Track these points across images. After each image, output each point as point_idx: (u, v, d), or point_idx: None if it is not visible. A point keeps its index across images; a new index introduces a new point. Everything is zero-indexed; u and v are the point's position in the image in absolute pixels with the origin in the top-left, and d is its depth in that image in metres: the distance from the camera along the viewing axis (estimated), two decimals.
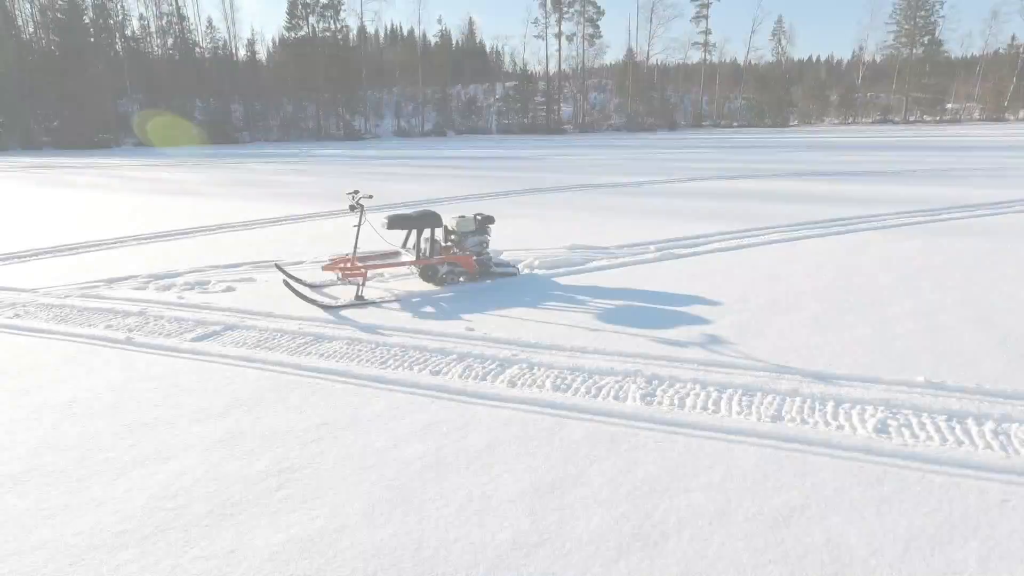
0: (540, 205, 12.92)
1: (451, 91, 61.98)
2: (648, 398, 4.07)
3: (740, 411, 3.88)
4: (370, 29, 75.35)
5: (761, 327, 5.29)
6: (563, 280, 7.03)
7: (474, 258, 6.91)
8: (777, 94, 62.17)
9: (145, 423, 3.84)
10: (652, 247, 8.52)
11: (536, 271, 7.46)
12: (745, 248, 8.42)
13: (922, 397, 3.98)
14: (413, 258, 6.82)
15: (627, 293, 6.45)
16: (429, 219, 6.81)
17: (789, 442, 3.48)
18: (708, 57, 67.40)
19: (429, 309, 6.05)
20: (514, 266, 7.30)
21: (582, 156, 27.57)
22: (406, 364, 4.69)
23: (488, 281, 6.97)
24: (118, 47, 55.66)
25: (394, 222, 6.70)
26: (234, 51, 61.74)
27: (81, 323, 5.80)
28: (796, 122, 63.89)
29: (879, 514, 2.84)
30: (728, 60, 75.72)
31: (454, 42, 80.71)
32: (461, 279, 6.96)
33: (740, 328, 5.27)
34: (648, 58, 65.05)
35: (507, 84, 63.82)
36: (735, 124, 62.97)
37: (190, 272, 7.64)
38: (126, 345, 5.21)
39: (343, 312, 5.97)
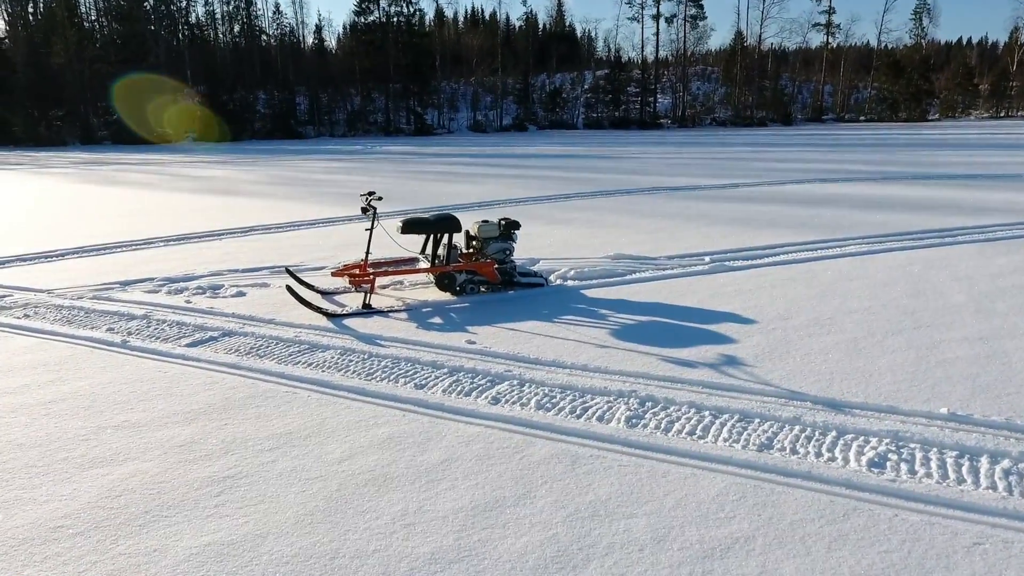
0: (600, 209, 13.14)
1: (534, 81, 62.77)
2: (633, 420, 4.25)
3: (728, 438, 4.02)
4: (447, 12, 77.12)
5: (789, 349, 5.37)
6: (593, 292, 7.24)
7: (496, 266, 7.19)
8: (914, 83, 60.00)
9: (114, 425, 4.30)
10: (707, 258, 8.62)
11: (568, 282, 7.68)
12: (812, 261, 8.41)
13: (940, 430, 4.02)
14: (429, 265, 7.16)
15: (658, 308, 6.61)
16: (447, 223, 7.14)
17: (766, 472, 3.60)
18: (831, 40, 65.87)
19: (437, 320, 6.38)
20: (542, 276, 7.55)
21: (671, 154, 27.58)
22: (392, 377, 5.02)
23: (511, 292, 7.24)
24: (180, 36, 58.83)
25: (409, 226, 7.07)
26: (301, 38, 64.37)
27: (84, 325, 6.40)
28: (936, 116, 61.52)
29: (829, 550, 2.96)
30: (856, 44, 73.69)
31: (540, 26, 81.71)
32: (482, 289, 7.25)
33: (765, 349, 5.37)
34: (760, 42, 64.15)
35: (597, 72, 64.15)
36: (862, 118, 61.24)
37: (207, 276, 8.24)
38: (121, 348, 5.75)
39: (346, 321, 6.37)
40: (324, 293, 7.33)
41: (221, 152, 36.83)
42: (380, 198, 7.06)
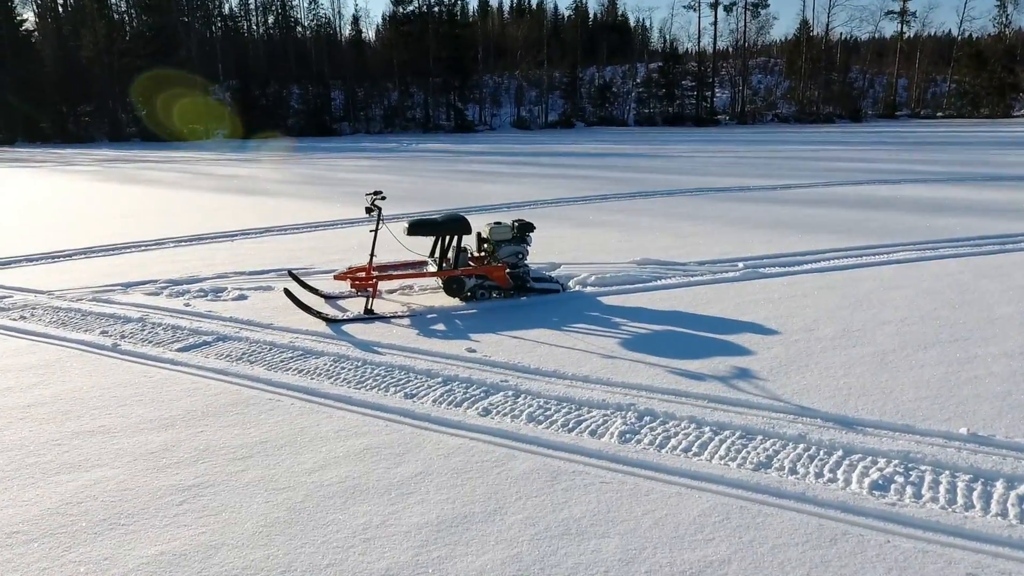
0: (637, 211, 13.13)
1: (583, 74, 62.68)
2: (627, 435, 4.26)
3: (724, 455, 4.01)
4: (492, 1, 77.50)
5: (808, 362, 5.33)
6: (610, 300, 7.25)
7: (507, 271, 7.23)
8: (998, 76, 58.54)
9: (89, 431, 4.45)
10: (741, 264, 8.56)
11: (587, 288, 7.70)
12: (855, 268, 8.31)
13: (957, 452, 3.96)
14: (435, 269, 7.24)
15: (676, 317, 6.60)
16: (455, 225, 7.22)
17: (757, 493, 3.59)
18: (907, 30, 64.64)
19: (440, 327, 6.46)
20: (558, 281, 7.58)
21: (724, 153, 27.41)
22: (383, 385, 5.10)
23: (523, 298, 7.28)
24: (213, 28, 59.99)
25: (415, 227, 7.16)
26: (338, 29, 65.18)
27: (79, 328, 6.61)
28: (1022, 111, 59.96)
29: None
30: (935, 33, 72.23)
31: (591, 16, 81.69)
32: (494, 295, 7.30)
33: (782, 362, 5.33)
34: (827, 31, 63.23)
35: (650, 65, 63.91)
36: (939, 114, 59.94)
37: (212, 278, 8.44)
38: (111, 352, 5.93)
39: (345, 326, 6.48)
40: (328, 297, 7.46)
41: (250, 150, 37.56)
42: (384, 197, 7.17)
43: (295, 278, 7.66)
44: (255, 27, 65.17)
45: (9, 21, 50.97)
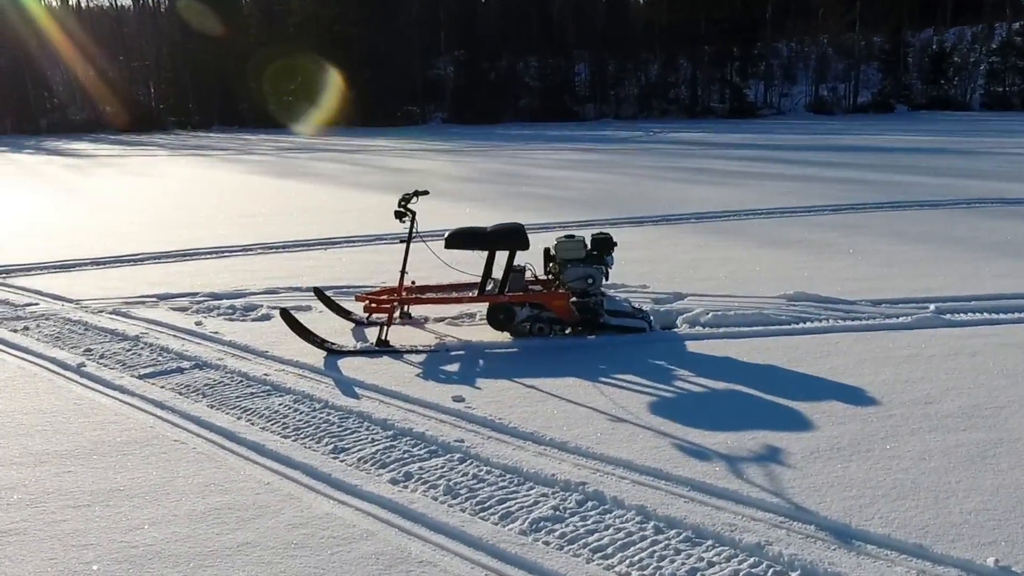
0: (859, 228, 12.74)
1: (912, 39, 59.75)
2: (541, 524, 4.21)
3: (637, 562, 3.86)
4: None
5: (873, 447, 4.95)
6: (703, 346, 7.07)
7: (572, 300, 7.18)
8: None
9: None
10: (932, 306, 8.00)
11: (693, 328, 7.52)
12: None
13: None
14: (475, 293, 7.37)
15: (760, 373, 6.37)
16: (506, 237, 7.29)
17: None
18: None
19: (451, 368, 6.63)
20: (644, 317, 7.39)
21: None
22: (316, 435, 5.37)
23: (592, 337, 7.23)
24: None
25: (455, 239, 7.35)
26: None
27: (66, 344, 7.46)
28: None
29: None
30: None
31: None
32: (558, 330, 7.28)
33: (836, 445, 5.00)
34: None
35: (1013, 25, 59.73)
36: None
37: (258, 293, 9.18)
38: (71, 373, 6.66)
39: (344, 359, 6.83)
40: (359, 323, 7.83)
41: (462, 138, 39.48)
42: (408, 199, 7.44)
43: (321, 296, 8.10)
44: None
45: None
